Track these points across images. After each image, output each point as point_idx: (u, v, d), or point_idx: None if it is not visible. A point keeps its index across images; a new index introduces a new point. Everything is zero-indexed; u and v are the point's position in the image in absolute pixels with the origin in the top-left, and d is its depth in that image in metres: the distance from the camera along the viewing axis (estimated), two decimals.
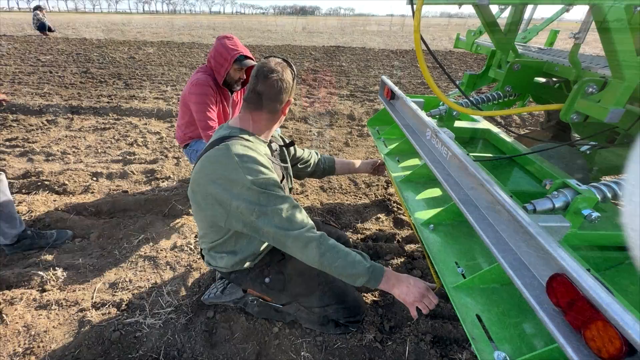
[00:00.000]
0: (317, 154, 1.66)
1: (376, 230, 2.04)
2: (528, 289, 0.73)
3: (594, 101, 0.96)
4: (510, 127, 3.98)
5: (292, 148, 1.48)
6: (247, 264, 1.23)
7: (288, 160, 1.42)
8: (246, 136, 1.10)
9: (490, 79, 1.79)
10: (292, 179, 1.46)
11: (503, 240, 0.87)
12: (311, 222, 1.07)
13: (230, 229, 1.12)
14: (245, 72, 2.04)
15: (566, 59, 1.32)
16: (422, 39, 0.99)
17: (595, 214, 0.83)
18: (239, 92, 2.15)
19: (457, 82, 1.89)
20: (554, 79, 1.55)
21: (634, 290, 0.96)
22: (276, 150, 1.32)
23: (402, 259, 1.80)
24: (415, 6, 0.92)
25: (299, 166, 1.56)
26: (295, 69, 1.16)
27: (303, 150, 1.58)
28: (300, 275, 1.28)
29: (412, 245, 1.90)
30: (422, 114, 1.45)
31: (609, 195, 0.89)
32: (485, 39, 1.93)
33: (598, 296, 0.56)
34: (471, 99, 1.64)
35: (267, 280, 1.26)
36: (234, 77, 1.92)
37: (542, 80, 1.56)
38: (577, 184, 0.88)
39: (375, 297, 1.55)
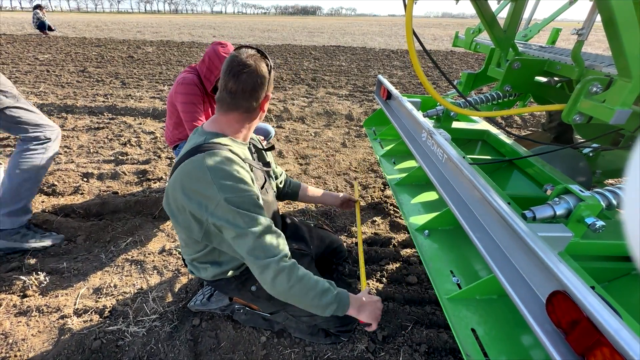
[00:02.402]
0: (286, 175, 1.58)
1: (371, 234, 1.98)
2: (526, 306, 0.67)
3: (598, 101, 0.90)
4: (511, 128, 3.92)
5: (270, 154, 1.41)
6: (230, 273, 1.17)
7: (271, 162, 1.35)
8: (223, 141, 1.01)
9: (489, 79, 1.73)
10: (275, 182, 1.41)
11: (500, 250, 0.81)
12: (285, 249, 1.00)
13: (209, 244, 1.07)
14: None
15: (568, 57, 1.26)
16: (415, 35, 0.93)
17: (599, 223, 0.77)
18: None
19: (455, 82, 1.83)
20: (556, 79, 1.49)
21: (639, 302, 0.90)
22: (255, 153, 1.25)
23: (398, 264, 1.74)
24: (407, 2, 0.86)
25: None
26: (270, 61, 1.05)
27: (277, 166, 1.50)
28: None
29: (408, 250, 1.84)
30: (418, 114, 1.39)
31: (615, 202, 0.83)
32: (484, 37, 1.87)
33: (603, 319, 0.50)
34: (470, 99, 1.58)
35: (253, 288, 1.20)
36: None
37: (543, 79, 1.50)
38: (579, 190, 0.82)
39: None
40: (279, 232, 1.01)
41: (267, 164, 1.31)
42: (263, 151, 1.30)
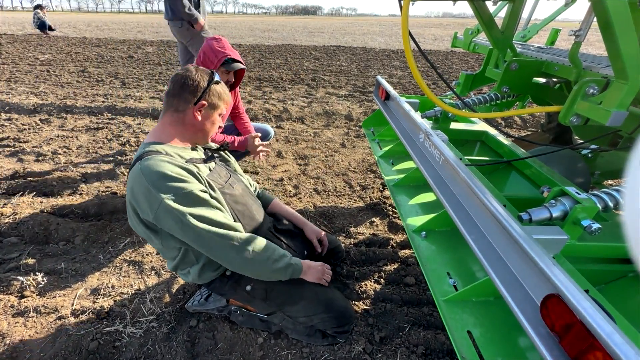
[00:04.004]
0: (258, 186, 1.56)
1: (370, 234, 1.98)
2: (521, 309, 0.67)
3: (595, 103, 0.90)
4: (510, 129, 3.91)
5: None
6: (218, 271, 1.18)
7: (229, 157, 1.40)
8: (158, 147, 1.04)
9: (488, 79, 1.72)
10: (243, 175, 1.43)
11: (496, 252, 0.81)
12: (236, 229, 1.05)
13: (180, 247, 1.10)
14: (236, 76, 1.97)
15: (566, 58, 1.26)
16: (411, 36, 0.93)
17: (595, 225, 0.76)
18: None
19: (454, 83, 1.83)
20: (554, 80, 1.49)
21: (635, 305, 0.89)
22: (217, 155, 1.30)
23: (396, 265, 1.74)
24: (402, 2, 0.86)
25: None
26: (218, 78, 1.12)
27: (249, 179, 1.49)
28: (283, 283, 1.22)
29: (406, 251, 1.84)
30: (416, 115, 1.39)
31: (611, 204, 0.83)
32: (483, 38, 1.87)
33: (596, 323, 0.50)
34: (468, 99, 1.58)
35: (248, 288, 1.20)
36: (221, 80, 1.85)
37: (542, 80, 1.49)
38: (576, 192, 0.82)
39: (366, 305, 1.49)
40: (226, 222, 1.04)
41: (226, 161, 1.37)
42: (221, 151, 1.35)
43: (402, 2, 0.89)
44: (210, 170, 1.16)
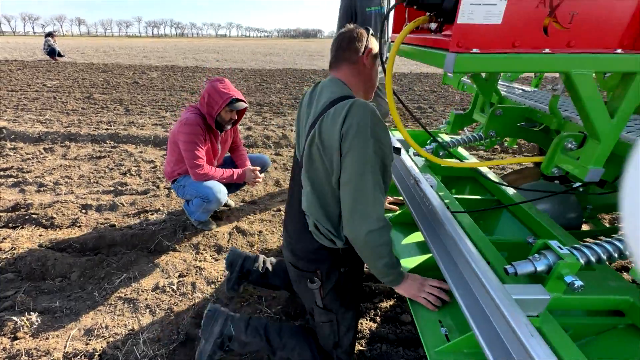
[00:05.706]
0: None
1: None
2: None
3: (573, 158, 0.93)
4: (506, 154, 3.96)
5: None
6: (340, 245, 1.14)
7: None
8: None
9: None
10: None
11: (481, 309, 0.82)
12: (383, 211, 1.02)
13: None
14: (237, 114, 2.08)
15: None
16: (395, 95, 0.98)
17: (578, 283, 0.78)
18: (229, 130, 2.19)
19: (445, 122, 1.89)
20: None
21: (626, 357, 0.89)
22: None
23: (392, 302, 1.73)
24: (386, 65, 0.92)
25: None
26: (371, 31, 1.14)
27: None
28: (356, 290, 1.26)
29: None
30: (406, 157, 1.43)
31: (594, 259, 0.85)
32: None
33: None
34: (458, 138, 1.63)
35: (342, 269, 1.18)
36: (225, 118, 1.97)
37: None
38: (558, 247, 0.84)
39: (361, 346, 1.48)
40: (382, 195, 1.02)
41: None
42: None
43: (385, 64, 0.95)
44: None
